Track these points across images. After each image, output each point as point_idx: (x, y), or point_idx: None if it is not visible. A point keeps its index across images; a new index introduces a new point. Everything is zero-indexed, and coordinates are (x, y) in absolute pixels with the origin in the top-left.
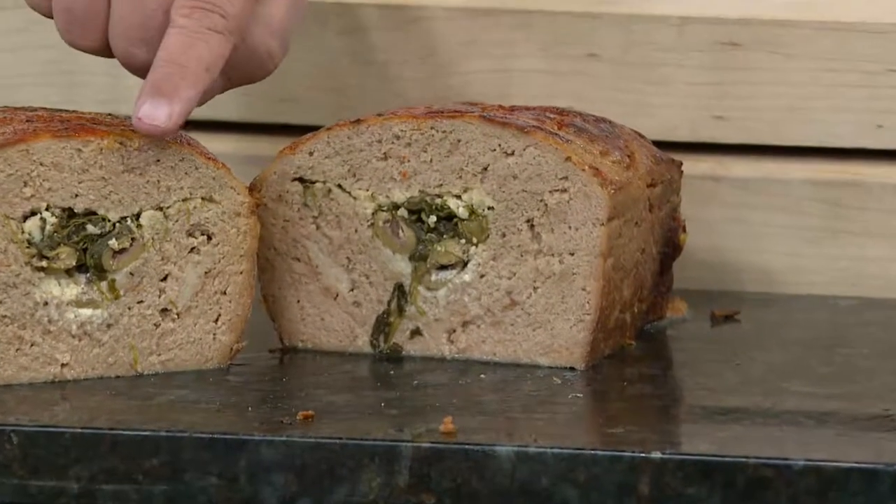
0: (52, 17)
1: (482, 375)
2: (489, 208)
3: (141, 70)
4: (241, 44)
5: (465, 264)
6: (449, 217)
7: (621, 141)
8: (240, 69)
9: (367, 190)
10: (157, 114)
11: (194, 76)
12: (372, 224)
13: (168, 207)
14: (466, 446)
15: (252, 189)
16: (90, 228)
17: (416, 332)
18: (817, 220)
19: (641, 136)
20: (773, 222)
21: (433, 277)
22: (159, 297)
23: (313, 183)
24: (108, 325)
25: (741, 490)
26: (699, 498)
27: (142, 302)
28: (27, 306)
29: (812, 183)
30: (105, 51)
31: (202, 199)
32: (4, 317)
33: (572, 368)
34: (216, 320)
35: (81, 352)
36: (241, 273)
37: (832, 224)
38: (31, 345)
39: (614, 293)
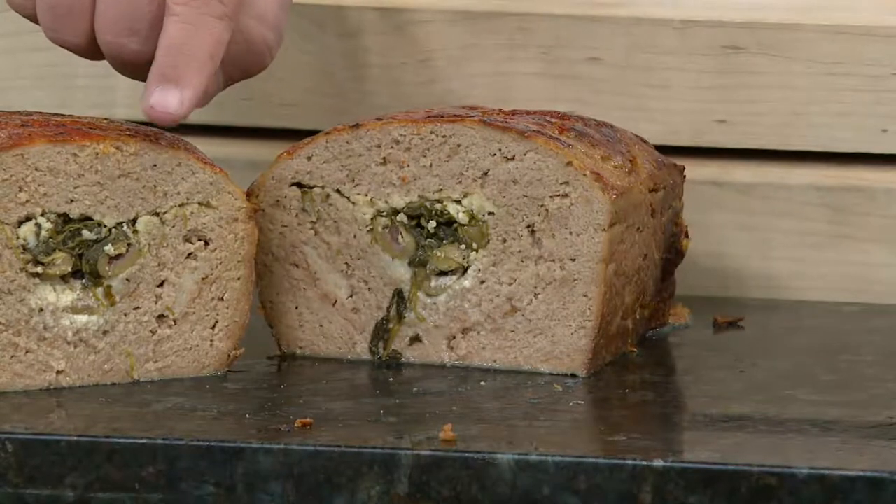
0: (36, 21)
1: (482, 382)
2: (489, 213)
3: (130, 63)
4: (238, 36)
5: (465, 270)
6: (449, 222)
7: (623, 145)
8: (238, 63)
9: (366, 195)
10: (169, 101)
11: (199, 62)
12: (371, 229)
13: (165, 213)
14: (466, 454)
15: (250, 194)
16: (86, 234)
17: (415, 339)
18: (821, 226)
19: (643, 141)
20: (777, 228)
21: (433, 283)
22: (156, 303)
23: (311, 188)
24: (104, 332)
25: (745, 499)
26: None
27: (138, 308)
28: (22, 313)
29: (816, 188)
30: (92, 46)
31: (199, 204)
32: None
33: (573, 375)
34: (213, 327)
35: (77, 359)
36: (239, 279)
37: (836, 230)
38: (27, 352)
39: (616, 299)
